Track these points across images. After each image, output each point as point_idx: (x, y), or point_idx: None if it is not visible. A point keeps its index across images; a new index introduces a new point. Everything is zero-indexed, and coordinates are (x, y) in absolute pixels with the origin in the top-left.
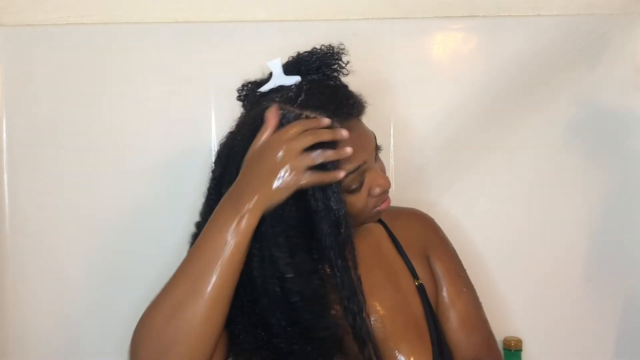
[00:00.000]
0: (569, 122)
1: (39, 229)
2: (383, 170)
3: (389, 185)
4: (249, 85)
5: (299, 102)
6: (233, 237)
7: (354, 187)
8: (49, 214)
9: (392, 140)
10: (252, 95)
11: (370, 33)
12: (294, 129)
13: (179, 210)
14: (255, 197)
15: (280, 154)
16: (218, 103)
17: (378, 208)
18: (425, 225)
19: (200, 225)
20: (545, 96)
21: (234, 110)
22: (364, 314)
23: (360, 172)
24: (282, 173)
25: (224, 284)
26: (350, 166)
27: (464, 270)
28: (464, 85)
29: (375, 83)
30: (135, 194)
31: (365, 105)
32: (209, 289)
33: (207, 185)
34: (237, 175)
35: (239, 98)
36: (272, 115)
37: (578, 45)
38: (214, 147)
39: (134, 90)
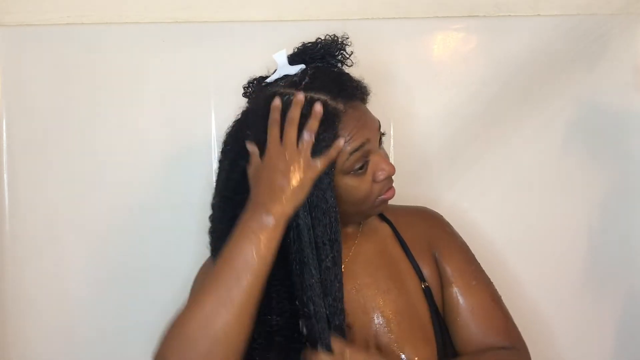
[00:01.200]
0: (568, 122)
1: (39, 229)
2: (387, 157)
3: (393, 170)
4: (254, 81)
5: (302, 85)
6: (261, 248)
7: (357, 166)
8: (48, 214)
9: (392, 141)
10: (258, 87)
11: (370, 33)
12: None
13: (179, 209)
14: (277, 207)
15: (281, 159)
16: (218, 103)
17: (382, 196)
18: (431, 222)
19: (214, 233)
20: (545, 96)
21: (234, 110)
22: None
23: (364, 151)
24: (293, 174)
25: (254, 293)
26: (354, 144)
27: (476, 264)
28: (464, 85)
29: (375, 83)
30: (136, 194)
31: (369, 91)
32: (240, 299)
33: (218, 177)
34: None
35: (244, 95)
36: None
37: (578, 45)
38: (214, 147)
39: (134, 90)
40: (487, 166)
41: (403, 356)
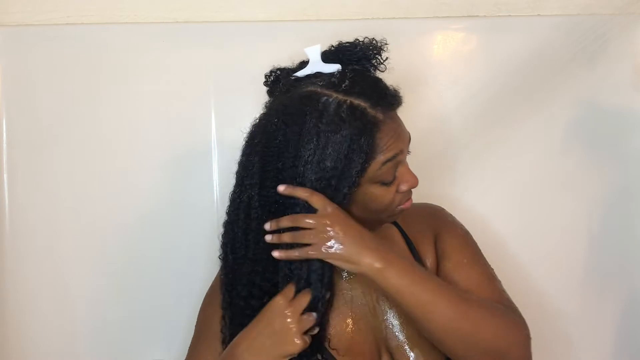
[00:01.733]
0: (568, 122)
1: (39, 230)
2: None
3: (417, 183)
4: (278, 71)
5: (343, 87)
6: None
7: (387, 179)
8: (48, 214)
9: None
10: (286, 80)
11: (370, 33)
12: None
13: (179, 209)
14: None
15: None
16: (218, 103)
17: (401, 206)
18: (433, 213)
19: (227, 226)
20: (545, 96)
21: (234, 110)
22: None
23: (395, 162)
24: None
25: None
26: (388, 155)
27: (473, 248)
28: (464, 85)
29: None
30: (135, 194)
31: (403, 101)
32: None
33: (238, 174)
34: (290, 164)
35: (266, 83)
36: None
37: (578, 45)
38: (214, 147)
39: (134, 90)
40: (487, 166)
41: (412, 357)
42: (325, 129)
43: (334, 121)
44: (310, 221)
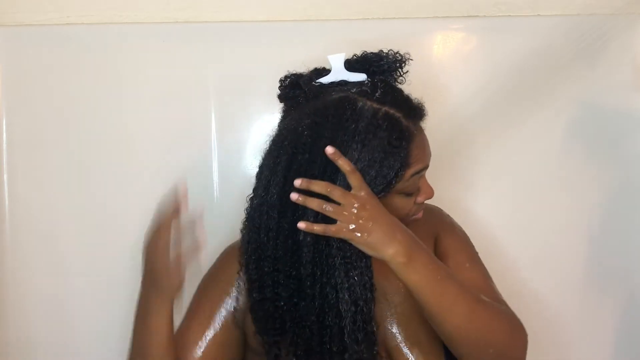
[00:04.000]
0: (568, 122)
1: (39, 229)
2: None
3: (433, 194)
4: (294, 77)
5: (376, 96)
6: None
7: (411, 191)
8: (48, 214)
9: None
10: (310, 86)
11: (370, 33)
12: None
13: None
14: None
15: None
16: (218, 103)
17: (415, 216)
18: (432, 214)
19: (251, 228)
20: (545, 96)
21: (234, 110)
22: None
23: (420, 176)
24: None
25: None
26: (417, 167)
27: (472, 250)
28: (464, 85)
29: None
30: (135, 194)
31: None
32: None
33: (263, 176)
34: (321, 168)
35: (280, 87)
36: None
37: (578, 45)
38: (214, 147)
39: (134, 90)
40: (487, 166)
41: (412, 357)
42: (363, 132)
43: (372, 125)
44: (343, 196)
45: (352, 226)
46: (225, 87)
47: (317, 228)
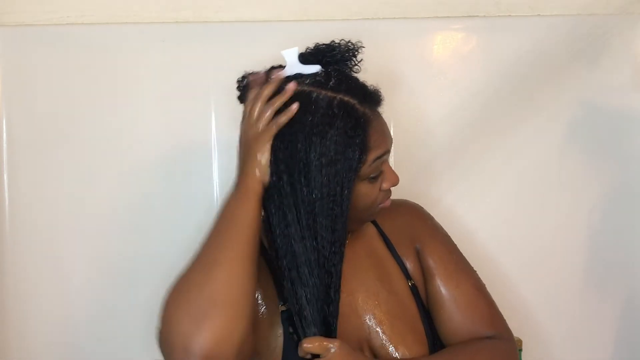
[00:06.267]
0: (568, 122)
1: (39, 229)
2: None
3: (398, 181)
4: (250, 76)
5: (330, 85)
6: (243, 201)
7: (373, 175)
8: (49, 214)
9: None
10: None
11: (370, 33)
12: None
13: (179, 209)
14: (248, 166)
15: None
16: (218, 103)
17: (382, 204)
18: (412, 214)
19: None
20: (545, 96)
21: (234, 110)
22: None
23: (382, 160)
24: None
25: (246, 244)
26: (378, 152)
27: (458, 254)
28: (464, 85)
29: (375, 83)
30: (136, 194)
31: (384, 98)
32: (232, 252)
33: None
34: (287, 169)
35: (239, 88)
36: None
37: (578, 45)
38: (214, 147)
39: (134, 90)
40: (487, 166)
41: (397, 356)
42: (319, 123)
43: (328, 115)
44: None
45: None
46: (226, 87)
47: None
